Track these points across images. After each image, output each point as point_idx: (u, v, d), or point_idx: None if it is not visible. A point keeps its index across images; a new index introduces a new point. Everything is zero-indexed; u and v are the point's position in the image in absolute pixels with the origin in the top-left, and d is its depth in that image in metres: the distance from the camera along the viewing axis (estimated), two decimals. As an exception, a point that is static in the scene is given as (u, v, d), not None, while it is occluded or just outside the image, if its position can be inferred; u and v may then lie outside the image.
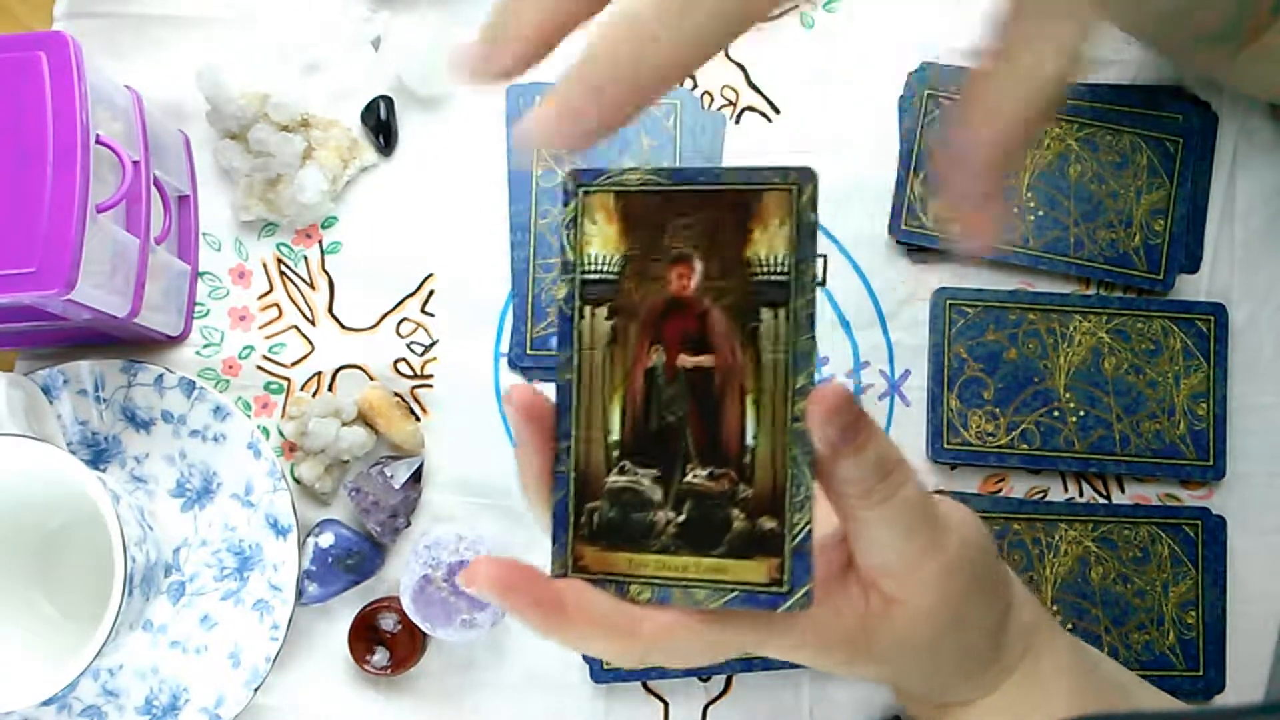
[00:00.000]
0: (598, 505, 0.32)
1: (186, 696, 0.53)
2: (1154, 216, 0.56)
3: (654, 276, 0.32)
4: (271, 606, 0.53)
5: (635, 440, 0.32)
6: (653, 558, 0.32)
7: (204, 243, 0.57)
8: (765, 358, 0.31)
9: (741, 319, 0.32)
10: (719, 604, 0.31)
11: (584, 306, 0.32)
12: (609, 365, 0.32)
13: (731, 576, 0.31)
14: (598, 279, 0.32)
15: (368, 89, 0.58)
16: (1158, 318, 0.56)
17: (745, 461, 0.31)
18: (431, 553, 0.51)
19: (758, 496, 0.31)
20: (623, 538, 0.32)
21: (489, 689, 0.55)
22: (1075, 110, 0.57)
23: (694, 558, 0.32)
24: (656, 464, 0.32)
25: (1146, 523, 0.55)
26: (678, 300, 0.32)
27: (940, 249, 0.56)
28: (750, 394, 0.31)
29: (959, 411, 0.55)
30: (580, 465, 0.32)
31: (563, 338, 0.33)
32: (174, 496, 0.54)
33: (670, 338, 0.32)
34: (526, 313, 0.56)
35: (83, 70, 0.46)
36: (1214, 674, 0.54)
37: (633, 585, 0.32)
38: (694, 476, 0.32)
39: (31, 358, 0.56)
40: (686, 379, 0.32)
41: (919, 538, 0.33)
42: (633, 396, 0.32)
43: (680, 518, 0.32)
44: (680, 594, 0.31)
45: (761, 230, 0.31)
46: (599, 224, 0.32)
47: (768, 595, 0.31)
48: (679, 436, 0.32)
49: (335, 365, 0.56)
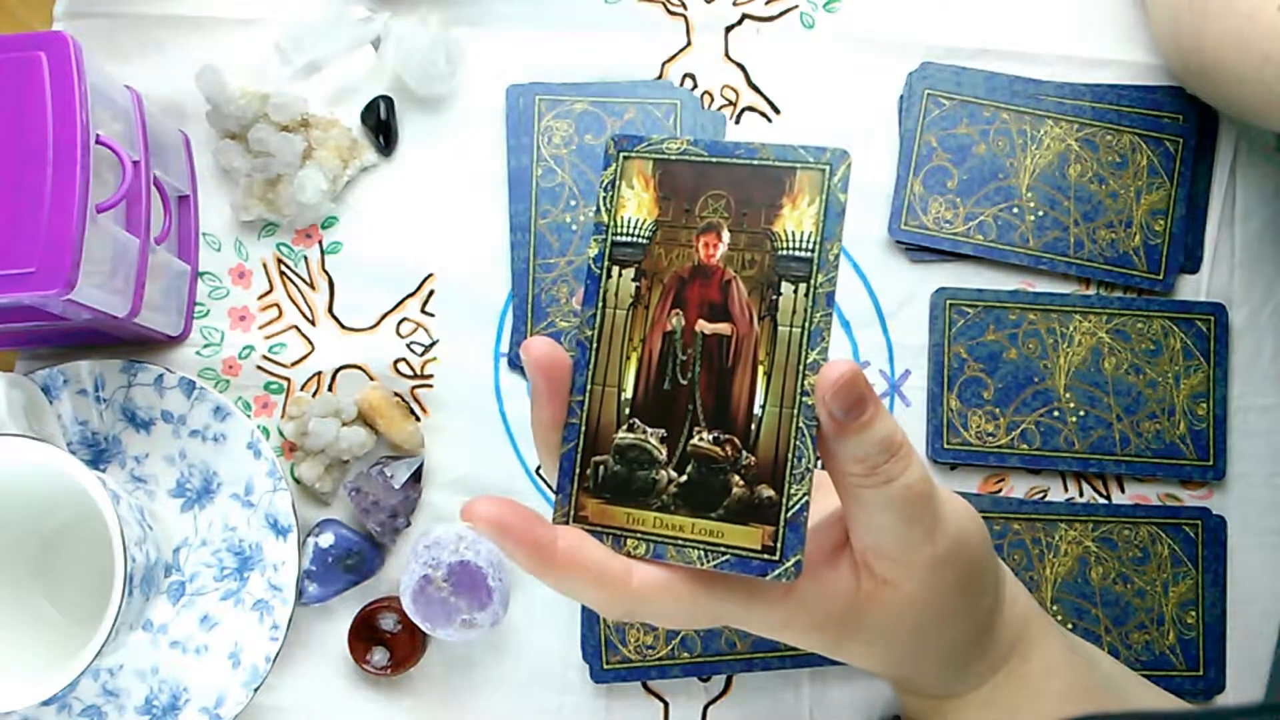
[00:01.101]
0: (604, 459, 0.33)
1: (186, 696, 0.53)
2: (1154, 216, 0.56)
3: (682, 243, 0.33)
4: (271, 606, 0.53)
5: (647, 400, 0.33)
6: (651, 514, 0.33)
7: (204, 243, 0.57)
8: (781, 331, 0.32)
9: (762, 291, 0.32)
10: (711, 565, 0.32)
11: (612, 267, 0.34)
12: (629, 325, 0.33)
13: (725, 540, 0.32)
14: (628, 242, 0.33)
15: (368, 89, 0.58)
16: (1158, 318, 0.56)
17: (751, 430, 0.32)
18: (431, 553, 0.51)
19: (759, 465, 0.32)
20: (625, 493, 0.33)
21: (489, 689, 0.55)
22: (1075, 110, 0.57)
23: (691, 518, 0.32)
24: (665, 424, 0.33)
25: (1146, 523, 0.55)
26: (702, 268, 0.33)
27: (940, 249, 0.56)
28: (763, 365, 0.32)
29: (959, 411, 0.55)
30: (592, 419, 0.33)
31: (588, 296, 0.34)
32: (174, 496, 0.54)
33: (691, 303, 0.33)
34: (526, 313, 0.56)
35: (83, 70, 0.46)
36: (1214, 674, 0.54)
37: (629, 539, 0.33)
38: (699, 440, 0.32)
39: (31, 358, 0.56)
40: (703, 345, 0.33)
41: (918, 524, 0.33)
42: (649, 357, 0.33)
43: (682, 478, 0.32)
44: (674, 552, 0.32)
45: (791, 207, 0.32)
46: (635, 189, 0.34)
47: (759, 561, 0.32)
48: (689, 399, 0.33)
49: (335, 365, 0.56)
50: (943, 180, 0.57)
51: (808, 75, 0.58)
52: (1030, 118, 0.57)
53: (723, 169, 0.33)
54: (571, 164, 0.57)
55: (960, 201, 0.56)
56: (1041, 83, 0.57)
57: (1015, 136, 0.57)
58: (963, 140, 0.57)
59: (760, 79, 0.58)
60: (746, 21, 0.59)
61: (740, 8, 0.59)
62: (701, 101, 0.58)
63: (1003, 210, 0.56)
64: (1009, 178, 0.56)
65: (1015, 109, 0.57)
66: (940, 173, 0.57)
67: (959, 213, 0.56)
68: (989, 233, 0.56)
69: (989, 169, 0.57)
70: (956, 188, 0.57)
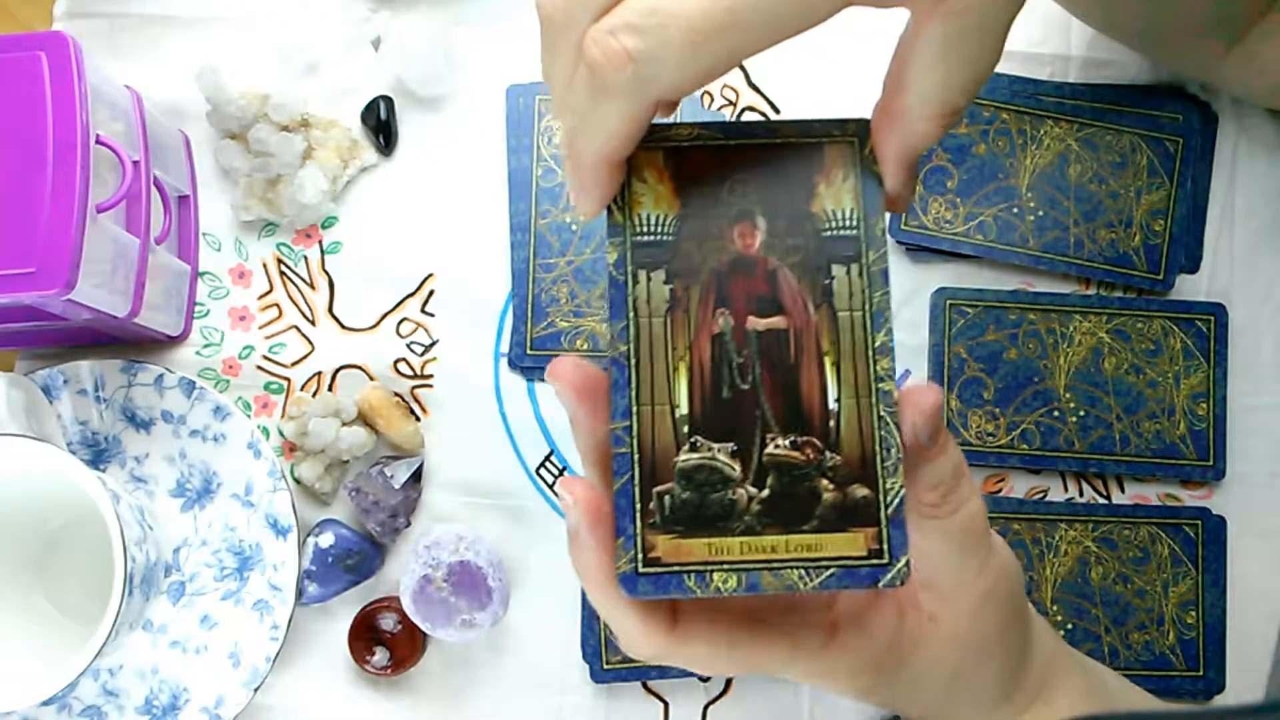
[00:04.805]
0: (669, 488, 0.29)
1: (186, 696, 0.53)
2: (1154, 216, 0.56)
3: (714, 236, 0.30)
4: (271, 606, 0.53)
5: (706, 413, 0.29)
6: (736, 540, 0.29)
7: (204, 243, 0.57)
8: (842, 316, 0.30)
9: (812, 277, 0.30)
10: (816, 584, 0.29)
11: (638, 271, 0.30)
12: (670, 333, 0.30)
13: (826, 552, 0.29)
14: (651, 241, 0.30)
15: (368, 89, 0.58)
16: (1158, 318, 0.56)
17: (830, 426, 0.29)
18: (431, 553, 0.51)
19: (847, 463, 0.29)
20: (700, 522, 0.29)
21: (489, 689, 0.55)
22: (1075, 110, 0.57)
23: (782, 536, 0.29)
24: (732, 437, 0.29)
25: (1146, 523, 0.55)
26: (742, 259, 0.30)
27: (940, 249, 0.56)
28: (829, 355, 0.30)
29: (959, 411, 0.55)
30: (645, 445, 0.29)
31: (615, 307, 0.30)
32: (174, 496, 0.54)
33: (737, 300, 0.30)
34: (526, 313, 0.56)
35: (83, 70, 0.46)
36: (1214, 674, 0.54)
37: (716, 573, 0.29)
38: (775, 447, 0.29)
39: (31, 358, 0.56)
40: (759, 343, 0.30)
41: (974, 556, 0.32)
42: (700, 365, 0.30)
43: (764, 493, 0.29)
44: (770, 577, 0.29)
45: (826, 184, 0.30)
46: (649, 182, 0.30)
47: (868, 569, 0.29)
48: (755, 405, 0.30)
49: (335, 365, 0.56)
50: (943, 180, 0.57)
51: (808, 75, 0.58)
52: (1030, 118, 0.57)
53: (743, 152, 0.30)
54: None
55: (960, 201, 0.56)
56: (1041, 83, 0.57)
57: (1015, 136, 0.57)
58: (963, 140, 0.57)
59: (760, 79, 0.58)
60: (746, 21, 0.59)
61: (740, 8, 0.59)
62: (701, 101, 0.58)
63: (1003, 210, 0.56)
64: (1009, 178, 0.57)
65: (1015, 109, 0.57)
66: (940, 173, 0.57)
67: (959, 213, 0.56)
68: (989, 233, 0.56)
69: (989, 169, 0.57)
70: (956, 188, 0.57)
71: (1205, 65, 0.54)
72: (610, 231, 0.30)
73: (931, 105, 0.29)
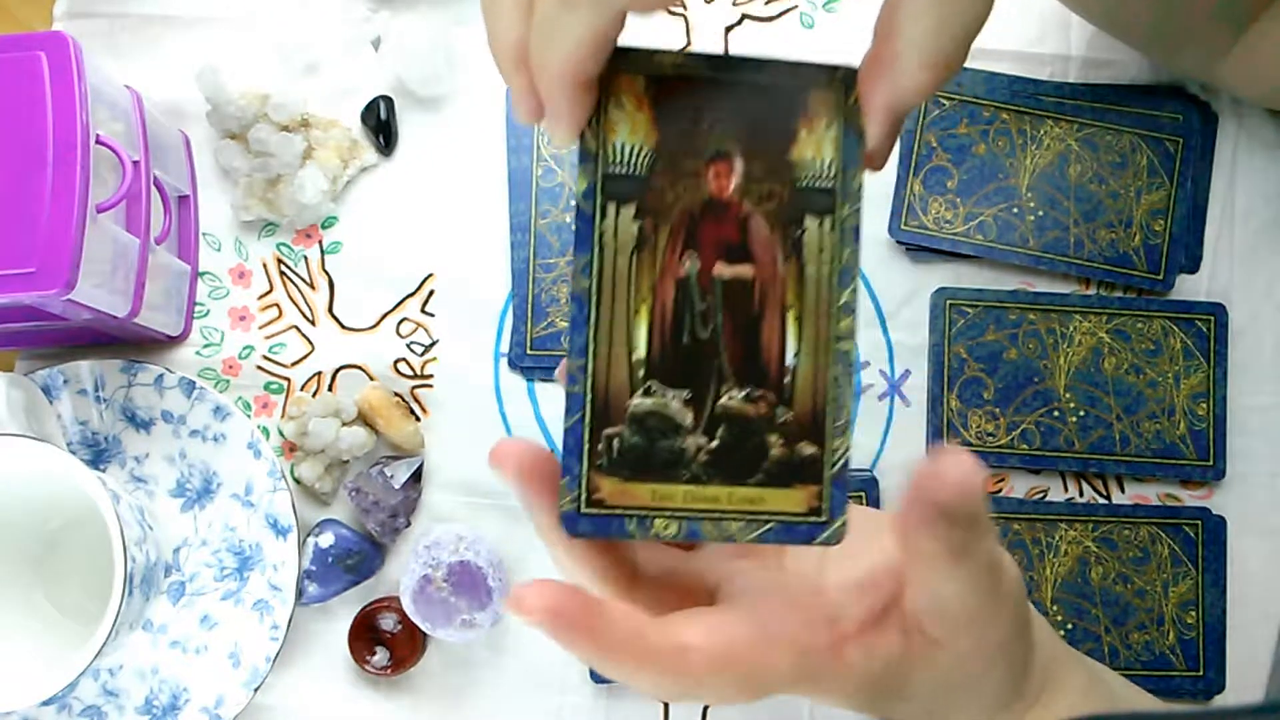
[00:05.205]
0: (618, 431, 0.29)
1: (186, 696, 0.53)
2: (1154, 216, 0.56)
3: (689, 174, 0.29)
4: (271, 606, 0.53)
5: (664, 358, 0.29)
6: (681, 489, 0.29)
7: (204, 243, 0.57)
8: (809, 270, 0.29)
9: (784, 227, 0.29)
10: (752, 537, 0.29)
11: (606, 204, 0.29)
12: (635, 273, 0.29)
13: (767, 506, 0.29)
14: (624, 174, 0.29)
15: (368, 89, 0.58)
16: (1158, 318, 0.56)
17: (785, 382, 0.29)
18: (431, 553, 0.51)
19: (798, 420, 0.29)
20: (647, 467, 0.29)
21: (489, 689, 0.55)
22: (1075, 110, 0.57)
23: (727, 488, 0.29)
24: (688, 384, 0.29)
25: (1146, 523, 0.55)
26: (715, 202, 0.29)
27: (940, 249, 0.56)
28: (792, 309, 0.29)
29: (959, 411, 0.55)
30: (599, 386, 0.28)
31: (581, 240, 0.28)
32: (174, 496, 0.54)
33: (706, 244, 0.29)
34: (526, 313, 0.56)
35: (83, 70, 0.46)
36: (1214, 674, 0.54)
37: (658, 519, 0.29)
38: (730, 398, 0.29)
39: (31, 358, 0.56)
40: (724, 290, 0.29)
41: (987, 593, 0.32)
42: (662, 309, 0.29)
43: (713, 444, 0.29)
44: (710, 527, 0.29)
45: (809, 131, 0.29)
46: (626, 109, 0.29)
47: (805, 526, 0.29)
48: (713, 354, 0.29)
49: (335, 365, 0.56)
50: (943, 180, 0.57)
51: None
52: (1030, 118, 0.57)
53: (727, 88, 0.29)
54: (571, 164, 0.57)
55: (960, 201, 0.56)
56: (1041, 83, 0.57)
57: (1015, 136, 0.57)
58: (963, 140, 0.57)
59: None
60: (746, 21, 0.59)
61: (740, 8, 0.59)
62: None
63: (1003, 210, 0.56)
64: (1009, 178, 0.56)
65: (1015, 109, 0.57)
66: (940, 173, 0.57)
67: (959, 213, 0.56)
68: (989, 233, 0.56)
69: (989, 169, 0.57)
70: (956, 188, 0.57)
71: (1206, 64, 0.53)
72: (581, 158, 0.29)
73: (923, 53, 0.28)
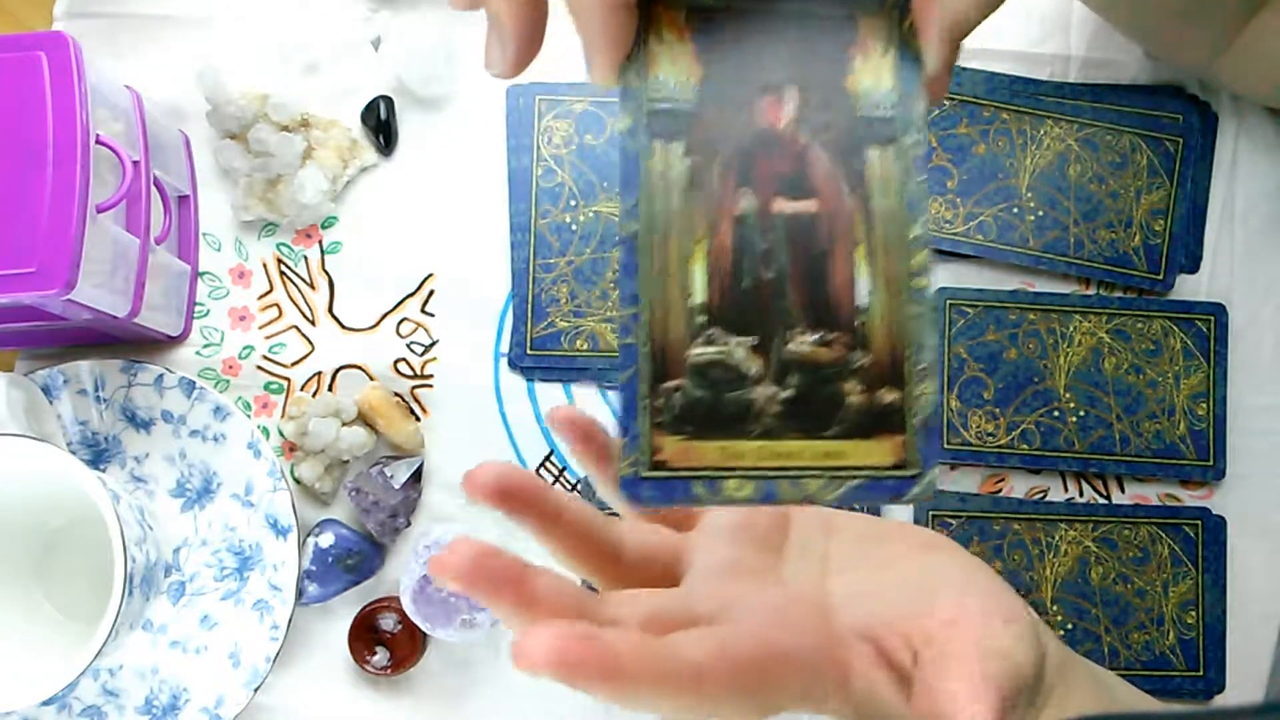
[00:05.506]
0: (679, 384, 0.26)
1: (186, 696, 0.53)
2: (1154, 216, 0.56)
3: (739, 107, 0.27)
4: (271, 606, 0.53)
5: (724, 303, 0.26)
6: (752, 445, 0.26)
7: (204, 243, 0.57)
8: (876, 203, 0.27)
9: (845, 159, 0.27)
10: (836, 495, 0.26)
11: (653, 141, 0.27)
12: (688, 213, 0.27)
13: (850, 460, 0.26)
14: (669, 109, 0.27)
15: (368, 89, 0.58)
16: (1158, 318, 0.56)
17: (858, 324, 0.26)
18: (431, 553, 0.51)
19: (876, 364, 0.26)
20: (713, 423, 0.26)
21: (489, 689, 0.55)
22: (1075, 110, 0.57)
23: (803, 441, 0.26)
24: (752, 330, 0.26)
25: (1146, 523, 0.55)
26: (769, 135, 0.27)
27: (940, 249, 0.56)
28: (860, 245, 0.27)
29: (959, 411, 0.55)
30: (656, 336, 0.26)
31: (627, 181, 0.27)
32: (174, 496, 0.54)
33: (762, 179, 0.27)
34: (526, 313, 0.56)
35: (83, 70, 0.46)
36: (1214, 674, 0.54)
37: (729, 480, 0.26)
38: (799, 343, 0.26)
39: (31, 358, 0.56)
40: (785, 228, 0.27)
41: None
42: (720, 250, 0.27)
43: (784, 394, 0.26)
44: (788, 486, 0.26)
45: (864, 59, 0.27)
46: (668, 42, 0.27)
47: (893, 481, 0.26)
48: (779, 296, 0.27)
49: (335, 365, 0.56)
50: (943, 180, 0.57)
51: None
52: (1030, 118, 0.57)
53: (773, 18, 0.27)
54: (571, 164, 0.57)
55: (960, 201, 0.56)
56: (1041, 83, 0.57)
57: (1015, 136, 0.57)
58: (963, 140, 0.57)
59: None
60: None
61: None
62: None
63: (1003, 210, 0.56)
64: (1009, 178, 0.57)
65: (1015, 109, 0.57)
66: (940, 173, 0.57)
67: (959, 213, 0.56)
68: (989, 233, 0.56)
69: (989, 169, 0.57)
70: (956, 188, 0.57)
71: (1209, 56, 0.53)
72: (623, 95, 0.27)
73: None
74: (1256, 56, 0.50)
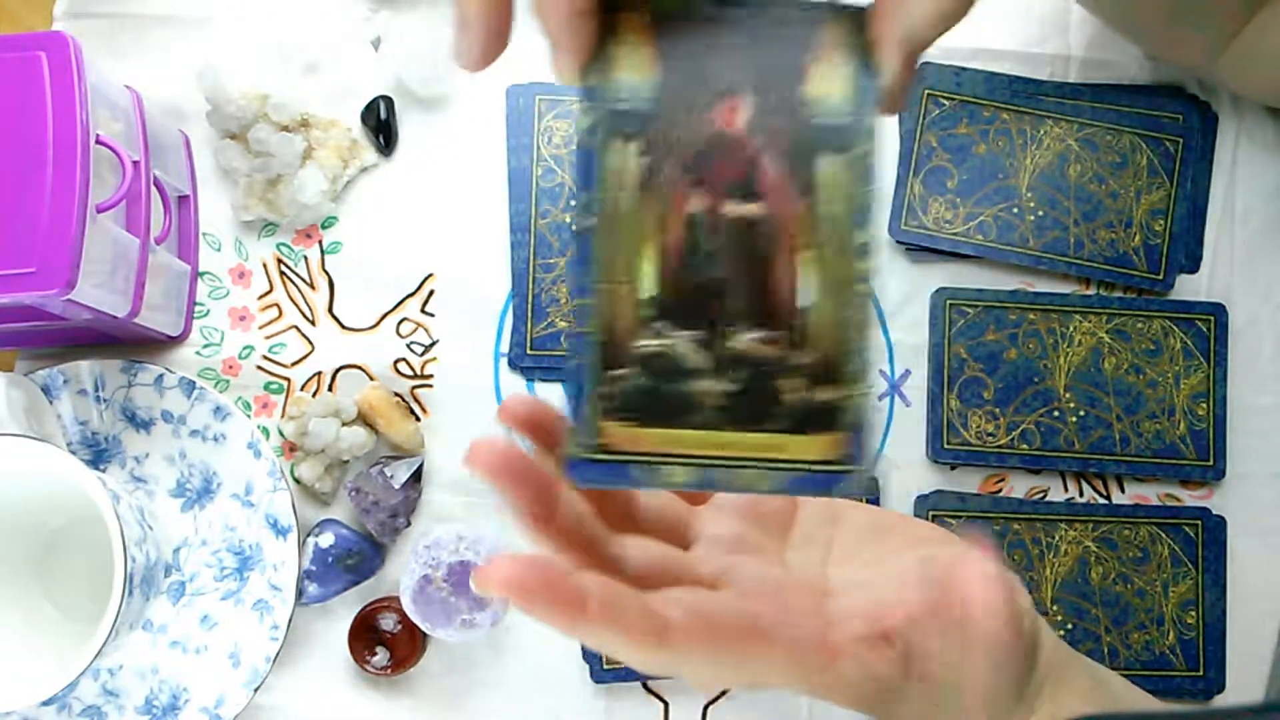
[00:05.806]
0: (625, 373, 0.27)
1: (186, 696, 0.53)
2: (1154, 216, 0.56)
3: (696, 109, 0.28)
4: (271, 606, 0.53)
5: (672, 297, 0.28)
6: (692, 434, 0.27)
7: (204, 243, 0.57)
8: (823, 209, 0.28)
9: (796, 165, 0.28)
10: (770, 486, 0.27)
11: (611, 139, 0.28)
12: (641, 210, 0.28)
13: (785, 454, 0.27)
14: (628, 109, 0.28)
15: (368, 89, 0.58)
16: (1158, 318, 0.56)
17: (800, 324, 0.28)
18: (431, 553, 0.51)
19: (815, 363, 0.27)
20: (657, 411, 0.27)
21: (489, 689, 0.55)
22: (1075, 110, 0.57)
23: (741, 433, 0.27)
24: (698, 325, 0.28)
25: (1146, 523, 0.55)
26: (724, 138, 0.28)
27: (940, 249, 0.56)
28: (807, 249, 0.28)
29: (959, 411, 0.55)
30: (605, 327, 0.28)
31: (585, 177, 0.28)
32: (174, 496, 0.54)
33: (714, 180, 0.28)
34: (526, 313, 0.56)
35: (83, 70, 0.46)
36: (1214, 674, 0.54)
37: (667, 466, 0.27)
38: (742, 340, 0.28)
39: (31, 358, 0.56)
40: (733, 229, 0.28)
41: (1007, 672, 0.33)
42: (670, 247, 0.28)
43: (725, 387, 0.28)
44: (724, 475, 0.27)
45: (822, 68, 0.28)
46: (630, 45, 0.28)
47: (826, 475, 0.27)
48: (725, 293, 0.28)
49: (335, 365, 0.56)
50: (943, 180, 0.57)
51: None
52: (1030, 118, 0.57)
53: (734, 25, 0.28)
54: (572, 164, 0.57)
55: (960, 201, 0.56)
56: (1041, 83, 0.57)
57: (1015, 136, 0.57)
58: (963, 140, 0.57)
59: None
60: None
61: None
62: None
63: (1003, 210, 0.56)
64: (1009, 178, 0.57)
65: (1015, 109, 0.57)
66: (940, 173, 0.57)
67: (959, 213, 0.56)
68: (989, 233, 0.56)
69: (989, 169, 0.57)
70: (956, 188, 0.57)
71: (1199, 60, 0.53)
72: (584, 95, 0.28)
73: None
74: (1256, 56, 0.50)
